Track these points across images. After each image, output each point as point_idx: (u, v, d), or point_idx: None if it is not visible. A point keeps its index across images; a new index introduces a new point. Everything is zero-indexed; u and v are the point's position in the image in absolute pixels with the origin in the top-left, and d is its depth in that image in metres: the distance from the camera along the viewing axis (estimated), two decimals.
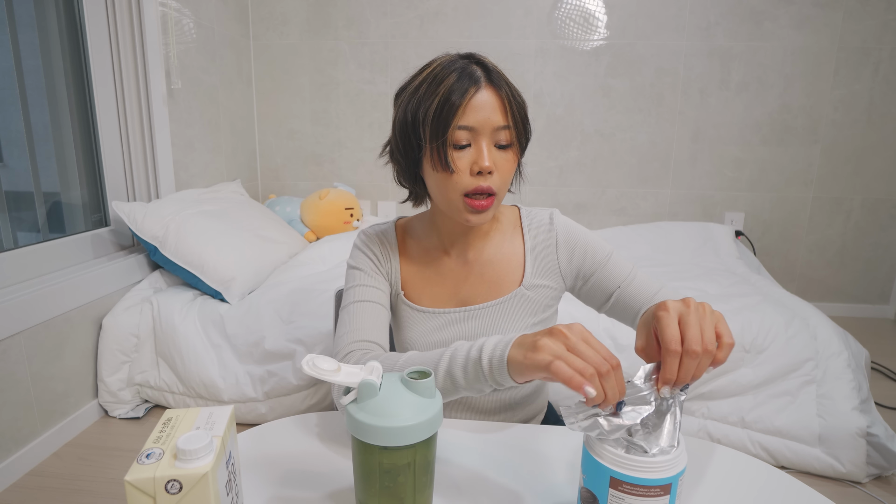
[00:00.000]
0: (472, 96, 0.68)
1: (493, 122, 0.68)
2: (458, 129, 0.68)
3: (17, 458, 1.44)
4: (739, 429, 1.49)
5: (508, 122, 0.69)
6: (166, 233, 1.77)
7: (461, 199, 0.70)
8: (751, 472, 0.64)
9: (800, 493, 0.59)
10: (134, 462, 0.42)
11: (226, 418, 0.48)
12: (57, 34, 1.77)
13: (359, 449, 0.48)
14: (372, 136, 2.83)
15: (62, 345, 1.59)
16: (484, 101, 0.68)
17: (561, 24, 2.63)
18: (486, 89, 0.68)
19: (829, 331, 1.52)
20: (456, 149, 0.69)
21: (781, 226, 2.74)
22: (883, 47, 2.50)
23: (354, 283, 0.79)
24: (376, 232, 0.84)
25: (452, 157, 0.69)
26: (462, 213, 0.71)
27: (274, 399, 1.68)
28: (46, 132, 1.75)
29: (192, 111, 2.25)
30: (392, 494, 0.48)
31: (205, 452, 0.42)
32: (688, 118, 2.67)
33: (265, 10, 2.74)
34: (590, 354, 0.48)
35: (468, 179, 0.69)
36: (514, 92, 0.71)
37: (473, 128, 0.68)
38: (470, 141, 0.69)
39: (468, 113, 0.68)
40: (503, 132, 0.69)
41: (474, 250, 0.81)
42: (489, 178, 0.69)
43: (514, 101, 0.70)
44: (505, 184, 0.72)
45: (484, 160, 0.68)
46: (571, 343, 0.50)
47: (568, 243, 0.80)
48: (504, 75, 0.72)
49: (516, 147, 0.72)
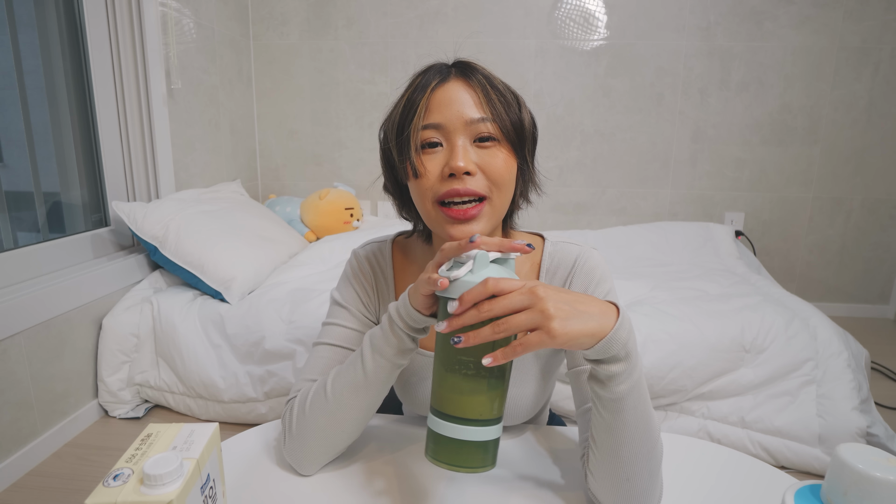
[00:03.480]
0: (433, 89, 0.60)
1: (464, 116, 0.58)
2: (424, 128, 0.59)
3: (17, 458, 1.43)
4: (739, 429, 1.49)
5: (486, 112, 0.59)
6: (166, 233, 1.77)
7: (436, 208, 0.60)
8: (751, 472, 0.64)
9: None
10: (100, 483, 0.40)
11: (206, 438, 0.46)
12: (57, 34, 1.76)
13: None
14: (372, 136, 2.83)
15: (62, 345, 1.59)
16: (451, 94, 0.59)
17: (561, 24, 2.63)
18: (454, 81, 0.60)
19: (829, 331, 1.51)
20: (425, 149, 0.60)
21: (781, 226, 2.74)
22: (883, 47, 2.50)
23: (333, 321, 0.70)
24: (370, 253, 0.73)
25: (420, 160, 0.60)
26: (442, 225, 0.60)
27: (274, 399, 1.67)
28: (46, 132, 1.75)
29: (192, 111, 2.25)
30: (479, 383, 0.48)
31: (172, 478, 0.40)
32: (688, 118, 2.67)
33: (265, 10, 2.73)
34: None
35: (438, 184, 0.59)
36: (495, 81, 0.61)
37: (441, 125, 0.59)
38: (441, 140, 0.59)
39: (433, 109, 0.59)
40: (482, 125, 0.59)
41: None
42: (467, 179, 0.58)
43: (491, 89, 0.60)
44: (499, 186, 0.60)
45: (456, 159, 0.57)
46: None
47: (579, 288, 0.67)
48: (485, 69, 0.63)
49: (506, 142, 0.60)
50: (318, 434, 0.61)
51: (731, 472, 0.64)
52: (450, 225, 0.59)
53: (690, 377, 1.49)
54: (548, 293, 0.46)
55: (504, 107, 0.60)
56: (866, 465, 0.40)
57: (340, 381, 0.60)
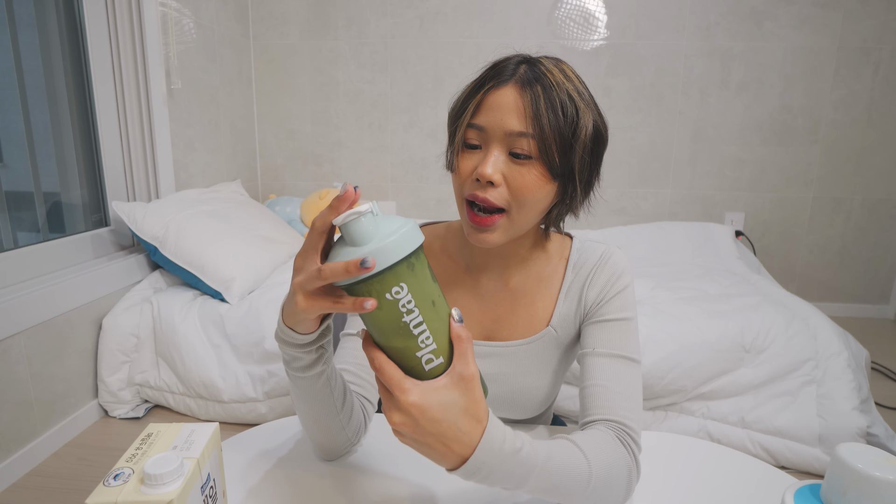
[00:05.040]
0: (487, 92, 0.59)
1: (505, 126, 0.57)
2: (468, 126, 0.60)
3: (17, 458, 1.44)
4: (739, 429, 1.49)
5: (528, 128, 0.56)
6: (166, 233, 1.77)
7: (464, 206, 0.62)
8: (751, 472, 0.64)
9: None
10: (100, 483, 0.40)
11: (206, 437, 0.46)
12: (57, 34, 1.76)
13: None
14: (372, 136, 2.83)
15: (62, 345, 1.59)
16: (501, 101, 0.58)
17: (561, 24, 2.63)
18: (510, 87, 0.58)
19: (829, 331, 1.52)
20: (466, 148, 0.61)
21: (781, 226, 2.74)
22: (883, 47, 2.50)
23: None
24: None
25: (459, 157, 0.61)
26: (465, 225, 0.62)
27: (274, 399, 1.67)
28: (46, 132, 1.75)
29: (192, 111, 2.25)
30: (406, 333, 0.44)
31: (173, 477, 0.40)
32: (688, 118, 2.67)
33: (265, 10, 2.73)
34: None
35: (468, 184, 0.60)
36: (554, 93, 0.57)
37: (483, 128, 0.59)
38: (481, 143, 0.60)
39: (482, 111, 0.59)
40: (520, 140, 0.57)
41: (510, 275, 0.70)
42: (490, 189, 0.58)
43: (546, 102, 0.57)
44: (521, 203, 0.59)
45: (485, 166, 0.57)
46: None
47: (605, 283, 0.67)
48: (556, 76, 0.58)
49: (542, 164, 0.58)
50: (307, 432, 0.63)
51: (731, 472, 0.64)
52: (469, 227, 0.61)
53: (690, 377, 1.49)
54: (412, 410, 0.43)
55: (551, 126, 0.57)
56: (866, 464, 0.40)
57: (290, 392, 0.60)
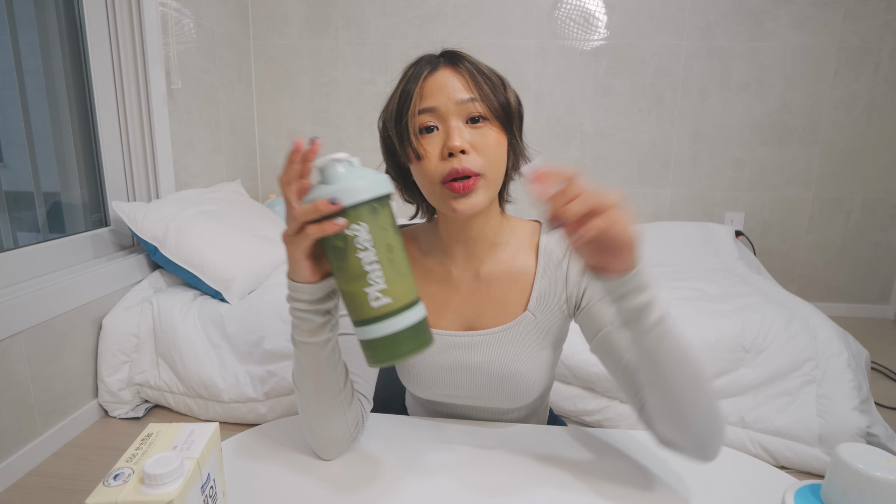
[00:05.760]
0: (426, 77, 0.65)
1: (454, 97, 0.63)
2: (420, 112, 0.64)
3: (17, 458, 1.44)
4: (739, 429, 1.49)
5: (474, 93, 0.64)
6: (166, 233, 1.77)
7: (440, 187, 0.64)
8: (751, 472, 0.64)
9: None
10: (100, 483, 0.40)
11: (206, 437, 0.46)
12: (57, 34, 1.77)
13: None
14: (372, 136, 2.83)
15: (62, 345, 1.59)
16: (441, 81, 0.65)
17: (561, 25, 2.63)
18: (444, 69, 0.66)
19: (829, 331, 1.51)
20: (423, 133, 0.65)
21: (781, 226, 2.74)
22: (883, 47, 2.50)
23: (343, 312, 0.70)
24: None
25: (420, 143, 0.65)
26: (447, 202, 0.65)
27: (274, 399, 1.67)
28: (46, 132, 1.75)
29: (192, 111, 2.25)
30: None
31: (173, 477, 0.40)
32: (688, 118, 2.67)
33: (265, 10, 2.73)
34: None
35: (441, 165, 0.64)
36: (480, 66, 0.67)
37: (435, 108, 0.64)
38: (437, 123, 0.64)
39: (426, 95, 0.65)
40: (471, 105, 0.64)
41: (480, 263, 0.73)
42: (464, 158, 0.63)
43: (478, 73, 0.65)
44: (492, 164, 0.65)
45: (452, 139, 0.62)
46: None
47: (576, 266, 0.70)
48: (471, 56, 0.68)
49: (495, 122, 0.65)
50: (306, 422, 0.64)
51: (731, 472, 0.64)
52: (452, 200, 0.64)
53: None
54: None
55: (491, 88, 0.66)
56: (866, 464, 0.40)
57: (294, 372, 0.64)
